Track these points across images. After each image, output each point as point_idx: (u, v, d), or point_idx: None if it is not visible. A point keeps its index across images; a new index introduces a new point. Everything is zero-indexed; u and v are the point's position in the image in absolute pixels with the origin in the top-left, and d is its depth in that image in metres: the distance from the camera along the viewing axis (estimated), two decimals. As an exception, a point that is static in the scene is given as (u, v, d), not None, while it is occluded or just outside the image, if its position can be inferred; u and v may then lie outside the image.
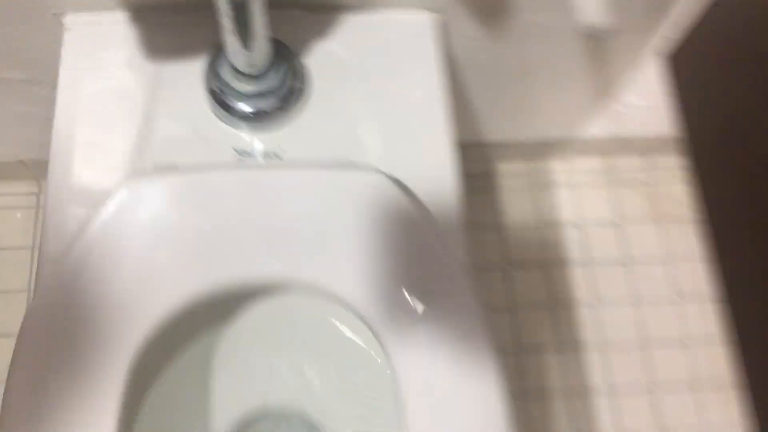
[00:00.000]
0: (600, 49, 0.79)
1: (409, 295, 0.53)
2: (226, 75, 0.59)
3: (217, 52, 0.60)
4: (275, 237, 0.54)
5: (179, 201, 0.54)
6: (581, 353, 0.99)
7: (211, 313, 0.63)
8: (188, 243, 0.53)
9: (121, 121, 0.60)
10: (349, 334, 0.66)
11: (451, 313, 0.53)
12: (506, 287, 1.02)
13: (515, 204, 1.06)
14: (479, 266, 1.02)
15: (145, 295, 0.51)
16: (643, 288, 1.03)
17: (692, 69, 0.89)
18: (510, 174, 1.08)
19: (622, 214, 1.06)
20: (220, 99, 0.60)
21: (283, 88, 0.60)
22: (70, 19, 0.64)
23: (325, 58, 0.63)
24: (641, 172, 1.07)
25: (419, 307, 0.53)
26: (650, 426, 0.97)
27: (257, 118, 0.60)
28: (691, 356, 1.00)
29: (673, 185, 1.06)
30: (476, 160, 1.06)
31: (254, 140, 0.60)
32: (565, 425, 0.96)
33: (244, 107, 0.59)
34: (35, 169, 1.00)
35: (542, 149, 1.05)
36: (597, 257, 1.04)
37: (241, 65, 0.57)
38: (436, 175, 0.60)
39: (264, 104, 0.59)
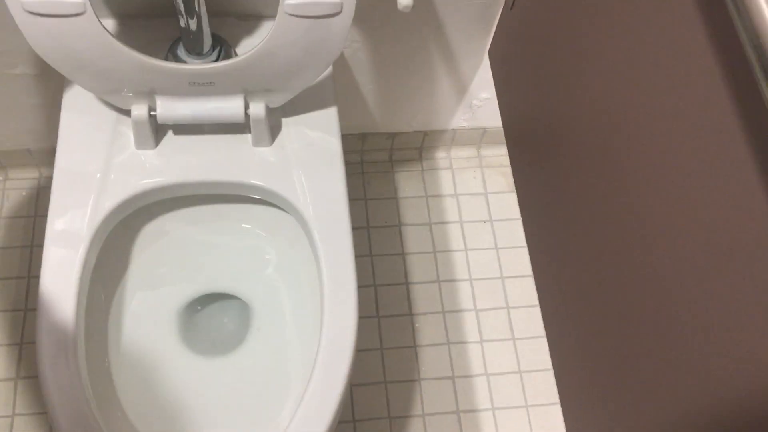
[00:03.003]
0: (450, 52, 1.13)
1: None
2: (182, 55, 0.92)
3: (173, 43, 0.92)
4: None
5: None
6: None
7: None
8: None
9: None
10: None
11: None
12: (399, 240, 1.34)
13: (408, 183, 1.39)
14: (378, 225, 1.34)
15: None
16: (499, 238, 1.36)
17: (501, 63, 1.08)
18: (403, 160, 1.41)
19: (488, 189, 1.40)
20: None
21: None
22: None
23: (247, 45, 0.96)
24: (501, 158, 1.41)
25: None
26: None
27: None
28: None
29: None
30: (379, 149, 1.39)
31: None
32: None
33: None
34: (38, 156, 1.29)
35: (426, 139, 1.38)
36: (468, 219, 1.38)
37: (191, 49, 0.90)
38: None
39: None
